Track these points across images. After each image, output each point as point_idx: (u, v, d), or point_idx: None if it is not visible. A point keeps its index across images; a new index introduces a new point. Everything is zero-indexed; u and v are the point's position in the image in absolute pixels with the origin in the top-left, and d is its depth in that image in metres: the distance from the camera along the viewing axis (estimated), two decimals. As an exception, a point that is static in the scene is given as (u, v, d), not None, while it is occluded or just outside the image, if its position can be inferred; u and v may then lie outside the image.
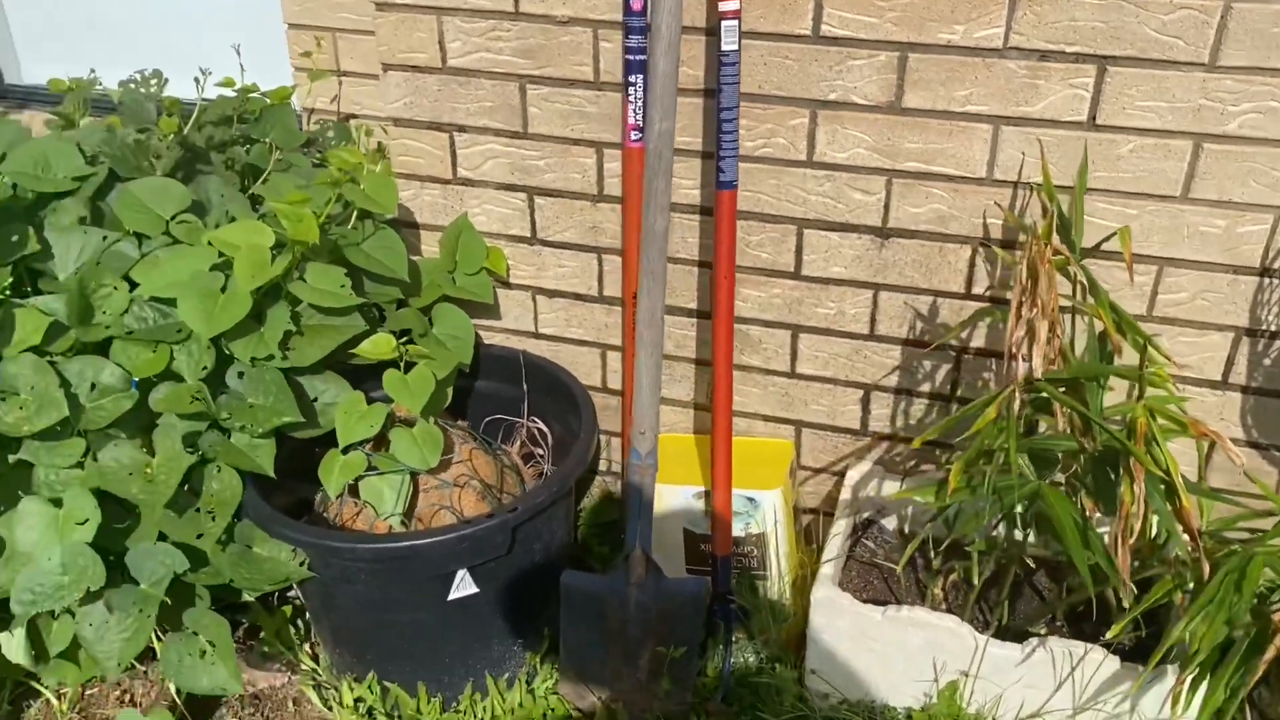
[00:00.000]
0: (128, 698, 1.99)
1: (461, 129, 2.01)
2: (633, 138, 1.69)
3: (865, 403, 2.03)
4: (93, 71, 2.42)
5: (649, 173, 1.62)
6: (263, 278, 1.71)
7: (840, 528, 1.92)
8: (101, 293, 1.78)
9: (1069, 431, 1.52)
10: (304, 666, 1.98)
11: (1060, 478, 1.58)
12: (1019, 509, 1.58)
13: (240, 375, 1.78)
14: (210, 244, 1.79)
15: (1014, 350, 1.46)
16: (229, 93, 2.52)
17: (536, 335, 2.18)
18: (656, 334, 1.67)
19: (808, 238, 1.89)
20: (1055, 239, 1.56)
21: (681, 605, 1.74)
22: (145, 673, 2.00)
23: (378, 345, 1.81)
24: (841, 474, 2.10)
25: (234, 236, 1.77)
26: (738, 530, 1.96)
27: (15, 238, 1.83)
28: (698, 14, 1.74)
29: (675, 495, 1.97)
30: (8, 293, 1.76)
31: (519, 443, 2.15)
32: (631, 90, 1.66)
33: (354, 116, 2.82)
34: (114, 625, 1.68)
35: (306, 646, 2.01)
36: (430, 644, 1.80)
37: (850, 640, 1.73)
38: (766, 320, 2.00)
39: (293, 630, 2.00)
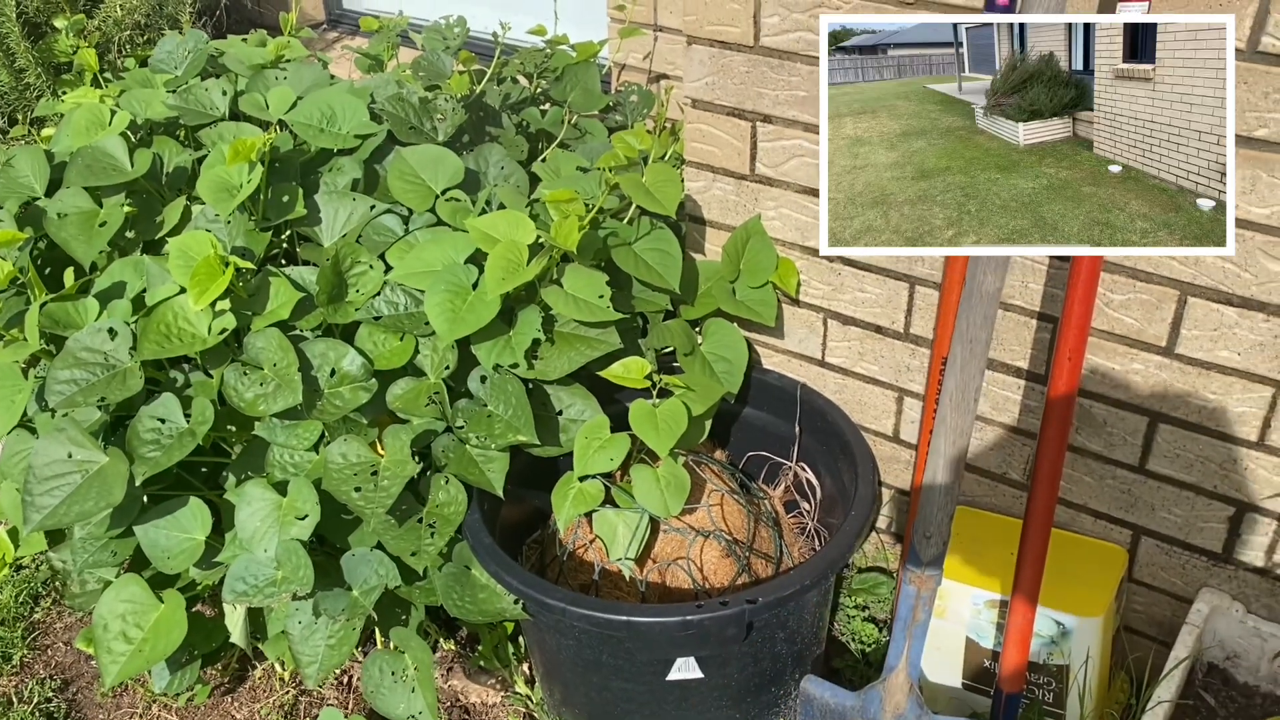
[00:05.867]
0: (345, 679, 1.93)
1: (767, 119, 1.70)
2: (972, 166, 1.31)
3: (1235, 523, 1.55)
4: (401, 12, 2.32)
5: (986, 217, 1.24)
6: (513, 281, 1.51)
7: (1175, 670, 1.49)
8: (356, 270, 1.65)
9: None
10: (518, 690, 1.83)
11: None
12: None
13: (482, 380, 1.60)
14: (468, 231, 1.62)
15: None
16: (538, 41, 2.35)
17: (821, 364, 1.86)
18: (964, 420, 1.31)
19: (1191, 308, 1.44)
20: None
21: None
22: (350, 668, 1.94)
23: (629, 370, 1.56)
24: (1186, 601, 1.64)
25: (493, 228, 1.58)
26: (1035, 654, 1.57)
27: (285, 198, 1.74)
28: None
29: (962, 597, 1.60)
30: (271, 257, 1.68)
31: (783, 487, 1.85)
32: (979, 105, 1.28)
33: (665, 77, 2.57)
34: (320, 629, 1.59)
35: (524, 667, 1.86)
36: (645, 717, 1.57)
37: None
38: (1117, 399, 1.56)
39: (511, 648, 1.84)
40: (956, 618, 1.62)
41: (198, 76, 2.11)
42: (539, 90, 2.22)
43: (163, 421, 1.58)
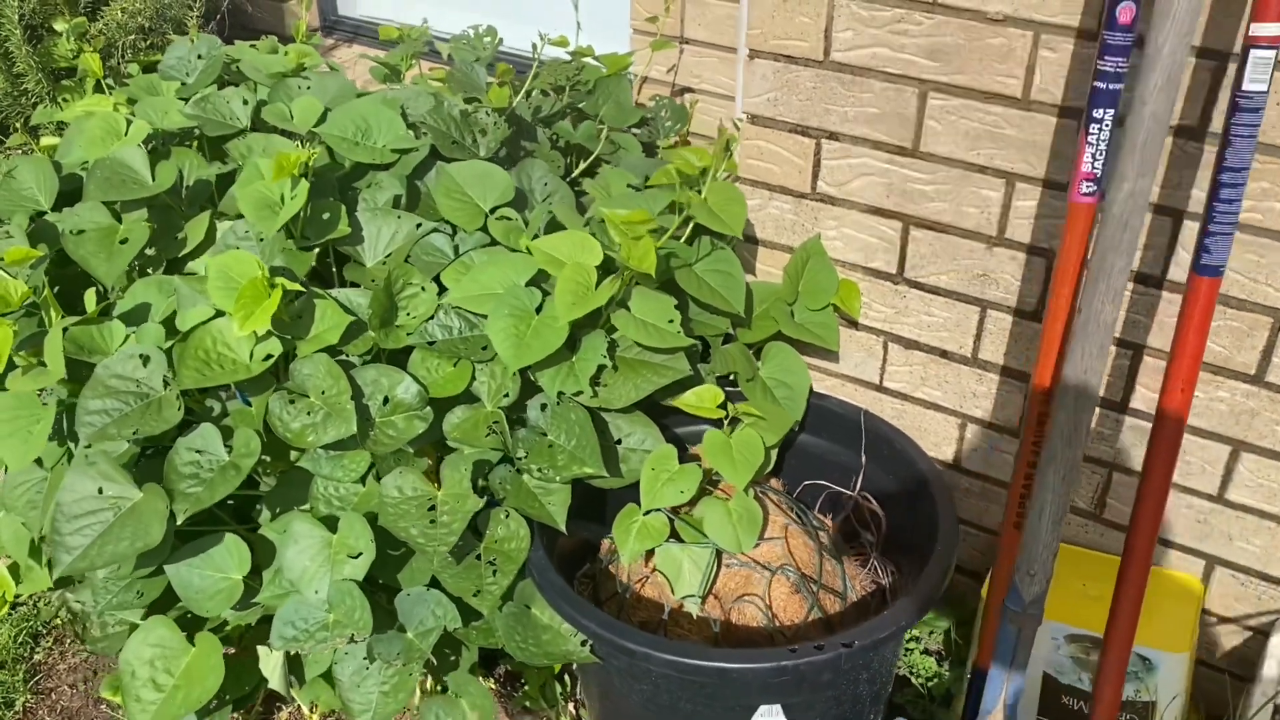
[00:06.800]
0: (379, 721, 1.83)
1: (833, 136, 1.64)
2: (1083, 190, 1.26)
3: (1317, 554, 1.52)
4: (425, 21, 2.23)
5: (1104, 244, 1.19)
6: (585, 307, 1.43)
7: (1257, 708, 1.45)
8: (407, 292, 1.56)
9: None
10: (565, 731, 1.75)
11: None
12: None
13: (543, 408, 1.52)
14: (529, 252, 1.53)
15: None
16: (562, 53, 2.27)
17: (879, 389, 1.81)
18: (1075, 454, 1.26)
19: (1287, 336, 1.41)
20: None
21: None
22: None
23: (702, 398, 1.49)
24: (1263, 634, 1.61)
25: (558, 249, 1.50)
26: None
27: (326, 215, 1.64)
28: (1204, 36, 1.28)
29: (1040, 631, 1.55)
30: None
31: (840, 517, 1.79)
32: (1094, 128, 1.23)
33: (690, 90, 2.51)
34: (373, 674, 1.49)
35: (571, 706, 1.77)
36: (717, 762, 1.50)
37: None
38: (1197, 427, 1.53)
39: (558, 687, 1.76)
40: (1033, 653, 1.57)
41: (213, 84, 2.00)
42: (569, 106, 2.14)
43: (201, 453, 1.47)
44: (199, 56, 2.05)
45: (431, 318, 1.55)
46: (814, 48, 1.59)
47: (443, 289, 1.57)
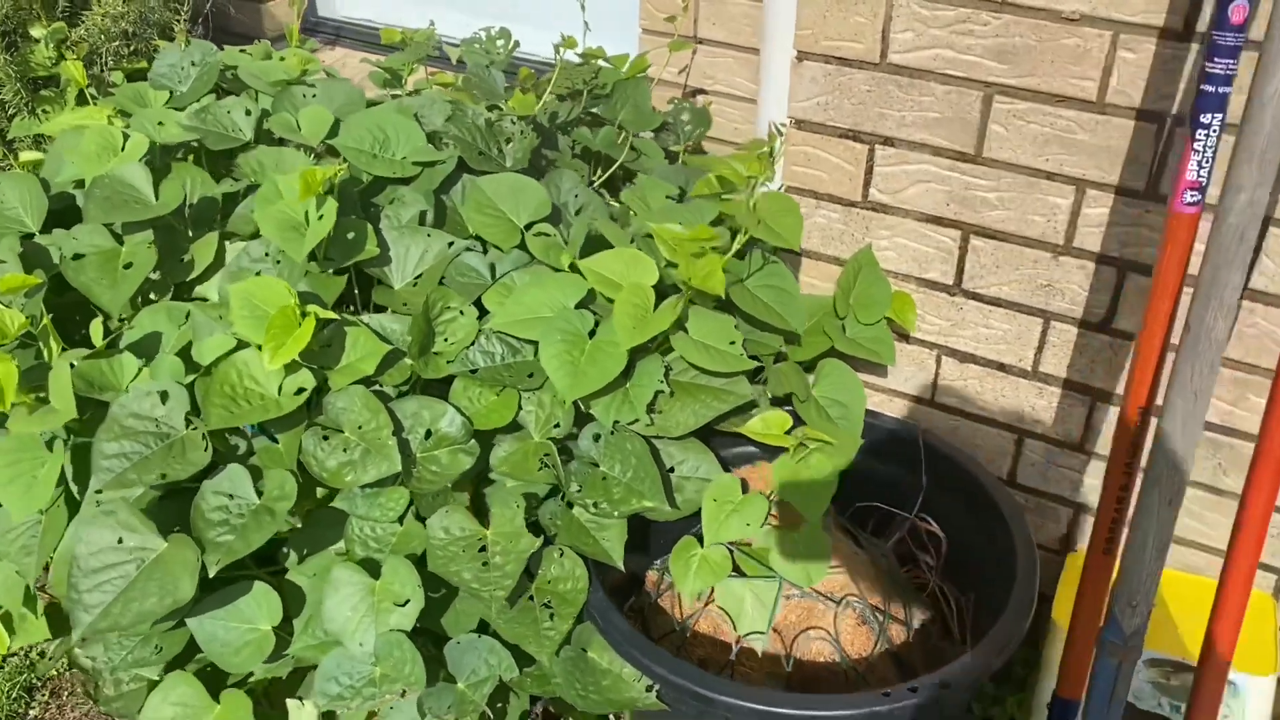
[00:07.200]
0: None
1: (888, 141, 1.56)
2: (1187, 199, 1.19)
3: (1398, 568, 1.48)
4: (432, 23, 2.11)
5: (1217, 258, 1.12)
6: (647, 331, 1.34)
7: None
8: (445, 316, 1.45)
9: None
10: (613, 774, 1.65)
11: None
12: None
13: (595, 438, 1.42)
14: (571, 270, 1.44)
15: None
16: (572, 56, 2.17)
17: (930, 404, 1.73)
18: (1182, 479, 1.19)
19: (1377, 345, 1.35)
20: None
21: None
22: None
23: (769, 425, 1.41)
24: (1337, 651, 1.56)
25: (610, 270, 1.41)
26: (1198, 716, 1.46)
27: (351, 234, 1.53)
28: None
29: (1118, 657, 1.49)
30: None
31: (894, 539, 1.71)
32: (1201, 135, 1.16)
33: (703, 92, 2.42)
34: (424, 731, 1.39)
35: (616, 747, 1.68)
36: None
37: None
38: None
39: (604, 728, 1.66)
40: (1110, 678, 1.51)
41: (210, 94, 1.88)
42: (585, 112, 2.04)
43: (231, 498, 1.36)
44: (192, 64, 1.92)
45: (473, 343, 1.44)
46: (869, 49, 1.51)
47: (481, 312, 1.47)
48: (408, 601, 1.35)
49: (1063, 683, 1.43)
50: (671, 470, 1.50)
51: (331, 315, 1.38)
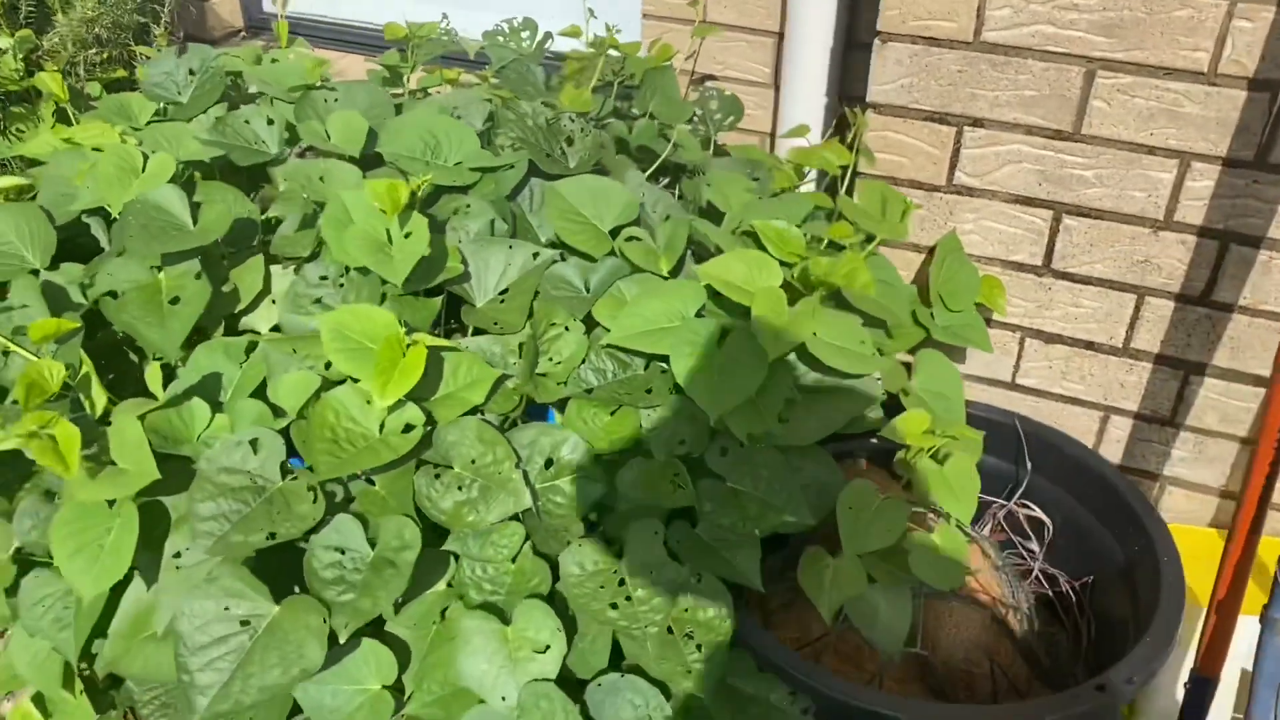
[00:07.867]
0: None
1: (978, 123, 1.51)
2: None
3: None
4: (445, 18, 1.97)
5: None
6: (789, 340, 1.26)
7: None
8: (550, 334, 1.35)
9: None
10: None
11: None
12: None
13: (723, 452, 1.34)
14: (668, 276, 1.35)
15: None
16: (578, 44, 2.06)
17: (1011, 386, 1.70)
18: (1357, 452, 1.18)
19: None
20: None
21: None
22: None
23: (910, 425, 1.35)
24: None
25: (729, 272, 1.32)
26: None
27: (429, 251, 1.40)
28: None
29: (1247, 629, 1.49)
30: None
31: (990, 526, 1.68)
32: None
33: (711, 78, 2.34)
34: (570, 784, 1.29)
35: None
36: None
37: None
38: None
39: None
40: (1232, 652, 1.51)
41: (219, 103, 1.70)
42: (616, 105, 1.94)
43: (343, 552, 1.23)
44: (190, 71, 1.74)
45: (584, 361, 1.34)
46: (963, 28, 1.45)
47: (590, 327, 1.36)
48: (548, 647, 1.25)
49: (1204, 659, 1.42)
50: (790, 479, 1.42)
51: (442, 342, 1.26)
